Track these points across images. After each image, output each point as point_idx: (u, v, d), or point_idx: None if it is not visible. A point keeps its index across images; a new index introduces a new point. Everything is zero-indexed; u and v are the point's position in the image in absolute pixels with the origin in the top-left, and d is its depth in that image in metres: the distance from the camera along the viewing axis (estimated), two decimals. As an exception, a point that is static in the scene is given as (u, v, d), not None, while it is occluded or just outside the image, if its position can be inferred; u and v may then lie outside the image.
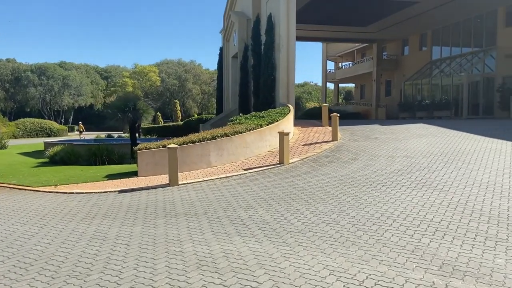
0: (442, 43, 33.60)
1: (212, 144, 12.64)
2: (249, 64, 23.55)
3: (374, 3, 26.36)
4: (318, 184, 9.29)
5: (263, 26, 21.19)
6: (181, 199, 8.83)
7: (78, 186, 10.83)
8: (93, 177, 12.19)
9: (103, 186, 10.76)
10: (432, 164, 10.41)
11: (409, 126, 17.81)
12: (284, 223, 6.54)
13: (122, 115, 16.36)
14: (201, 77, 76.07)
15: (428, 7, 27.68)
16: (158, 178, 11.46)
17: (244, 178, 10.64)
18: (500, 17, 27.29)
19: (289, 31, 19.06)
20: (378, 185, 8.73)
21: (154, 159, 12.01)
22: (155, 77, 71.23)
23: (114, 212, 7.91)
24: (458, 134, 14.67)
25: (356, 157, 11.97)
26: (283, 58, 19.16)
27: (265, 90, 19.77)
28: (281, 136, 11.93)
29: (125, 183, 10.99)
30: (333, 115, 14.96)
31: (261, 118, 15.38)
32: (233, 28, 28.16)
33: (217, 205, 7.99)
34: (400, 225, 6.14)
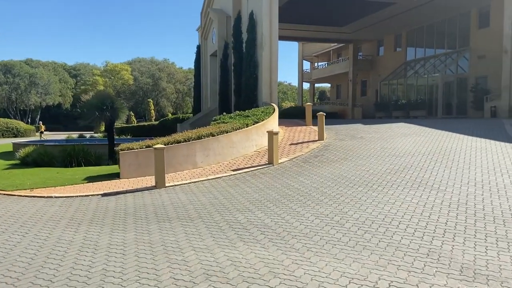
0: (417, 44, 34.28)
1: (198, 144, 12.21)
2: (229, 62, 23.16)
3: (352, 3, 26.54)
4: (312, 185, 9.06)
5: (244, 23, 20.86)
6: (171, 202, 8.38)
7: (56, 190, 10.16)
8: (71, 179, 11.51)
9: (84, 189, 10.14)
10: (422, 163, 10.39)
11: (391, 125, 17.93)
12: (286, 226, 6.24)
13: (100, 113, 15.62)
14: (175, 76, 74.91)
15: (404, 9, 28.15)
16: (142, 180, 10.93)
17: (234, 179, 10.29)
18: (473, 19, 28.05)
19: (272, 29, 18.83)
20: (373, 185, 8.59)
21: (137, 160, 11.46)
22: (127, 76, 69.55)
23: (101, 217, 7.40)
24: (441, 133, 14.83)
25: (345, 157, 11.83)
26: (266, 56, 18.90)
27: (247, 89, 19.45)
28: (270, 136, 11.65)
29: (107, 186, 10.41)
30: (319, 114, 14.81)
31: (246, 117, 15.05)
32: (211, 25, 27.67)
33: (211, 208, 7.61)
34: (407, 226, 5.97)
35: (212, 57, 28.43)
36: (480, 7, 27.32)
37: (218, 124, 14.35)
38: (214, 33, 27.03)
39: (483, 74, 27.28)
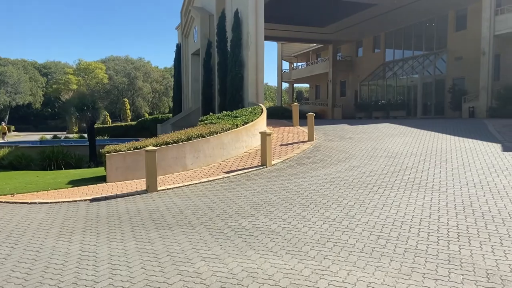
0: (395, 46, 34.81)
1: (188, 146, 11.82)
2: (213, 61, 22.75)
3: (333, 4, 26.61)
4: (311, 187, 8.86)
5: (229, 22, 20.52)
6: (166, 207, 8.00)
7: (39, 195, 9.57)
8: (53, 183, 10.90)
9: (70, 194, 9.60)
10: (416, 164, 10.38)
11: (377, 125, 18.01)
12: (295, 232, 6.01)
13: (80, 114, 14.96)
14: (151, 75, 73.49)
15: (383, 10, 28.47)
16: (131, 184, 10.45)
17: (228, 182, 9.97)
18: (450, 22, 28.69)
19: (258, 28, 18.59)
20: (374, 187, 8.47)
21: (125, 162, 10.97)
22: (102, 74, 67.72)
23: (94, 225, 6.95)
24: (428, 133, 14.97)
25: (338, 158, 11.72)
26: (252, 56, 18.64)
27: (233, 89, 19.13)
28: (263, 137, 11.40)
29: (94, 191, 9.89)
30: (309, 115, 14.67)
31: (235, 117, 14.74)
32: (193, 23, 27.17)
33: (211, 214, 7.29)
34: (419, 231, 5.84)
35: (193, 56, 27.93)
36: (457, 10, 27.96)
37: (206, 125, 13.98)
38: (196, 31, 26.55)
39: (460, 75, 27.94)
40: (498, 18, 22.92)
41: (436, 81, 29.89)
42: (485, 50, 23.47)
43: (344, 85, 42.56)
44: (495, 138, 13.67)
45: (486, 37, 23.37)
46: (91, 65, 68.51)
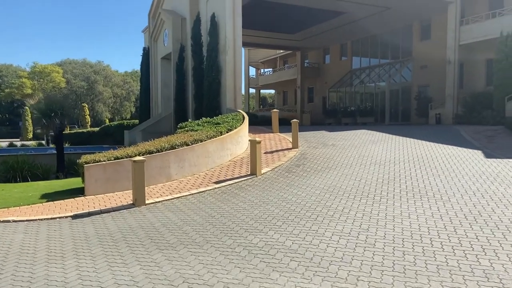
0: (362, 53, 35.58)
1: (172, 155, 11.16)
2: (186, 66, 22.06)
3: (305, 11, 26.67)
4: (310, 197, 8.53)
5: (204, 26, 19.98)
6: (161, 223, 7.36)
7: (11, 212, 8.59)
8: (24, 198, 9.88)
9: (46, 210, 8.68)
10: (408, 171, 10.34)
11: (356, 132, 18.07)
12: (314, 249, 5.62)
13: (48, 120, 13.85)
14: (112, 79, 70.94)
15: (352, 19, 28.94)
16: (113, 197, 9.66)
17: (221, 194, 9.44)
18: (415, 32, 29.66)
19: (236, 33, 18.20)
20: (375, 197, 8.27)
21: (105, 174, 10.15)
22: (59, 78, 64.40)
23: (85, 246, 6.22)
24: (408, 140, 15.14)
25: (328, 166, 11.50)
26: (230, 61, 18.20)
27: (210, 95, 18.56)
28: (253, 145, 10.97)
29: (73, 205, 9.03)
30: (294, 122, 14.41)
31: (217, 124, 14.20)
32: (163, 27, 26.32)
33: (214, 230, 6.76)
34: (441, 244, 5.64)
35: (163, 60, 27.05)
36: (421, 20, 28.96)
37: (187, 132, 13.34)
38: (166, 35, 25.72)
39: (425, 83, 28.90)
40: (462, 29, 23.90)
41: (402, 89, 30.77)
42: (451, 59, 24.39)
43: (311, 91, 42.99)
44: (472, 144, 14.01)
45: (452, 46, 24.30)
46: (47, 68, 64.95)
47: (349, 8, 26.19)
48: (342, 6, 25.53)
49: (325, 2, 24.61)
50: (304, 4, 24.86)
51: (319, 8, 25.85)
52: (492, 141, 14.56)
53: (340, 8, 26.09)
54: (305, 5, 25.13)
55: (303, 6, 25.35)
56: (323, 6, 25.61)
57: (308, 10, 26.26)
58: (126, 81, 73.69)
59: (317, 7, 25.68)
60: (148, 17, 30.49)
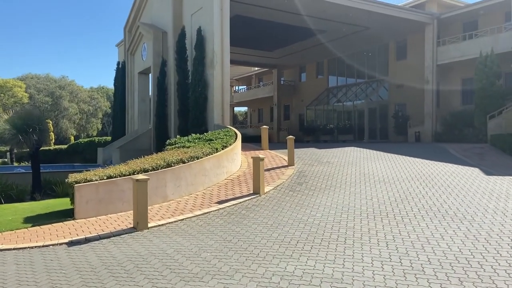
0: (338, 72, 36.06)
1: (169, 173, 10.38)
2: (168, 80, 21.31)
3: (287, 29, 26.72)
4: (327, 218, 8.02)
5: (189, 40, 19.41)
6: (174, 249, 6.59)
7: (-8, 239, 7.51)
8: (4, 222, 8.76)
9: (35, 236, 7.67)
10: (417, 189, 10.08)
11: (344, 149, 17.87)
12: (361, 278, 5.09)
13: (24, 137, 12.69)
14: (78, 95, 68.35)
15: (331, 37, 29.29)
16: (109, 221, 8.74)
17: (227, 215, 8.74)
18: (391, 51, 30.37)
19: (223, 47, 17.76)
20: (396, 217, 7.88)
21: (97, 195, 9.22)
22: (21, 93, 61.26)
23: (96, 279, 5.38)
24: (401, 157, 15.05)
25: (332, 184, 11.07)
26: (217, 75, 17.66)
27: (196, 110, 17.88)
28: (256, 162, 10.39)
29: (65, 230, 8.05)
30: (289, 138, 13.98)
31: (210, 141, 13.52)
32: (141, 41, 25.51)
33: (238, 256, 6.09)
34: (493, 268, 5.27)
35: (141, 74, 26.14)
36: (397, 40, 29.71)
37: (180, 149, 12.57)
38: (144, 49, 24.91)
39: (401, 102, 29.47)
40: (440, 49, 24.64)
41: (380, 107, 31.25)
42: (429, 79, 25.02)
43: (287, 108, 43.03)
44: (466, 162, 14.07)
45: (430, 66, 24.97)
46: (8, 83, 61.71)
47: (330, 27, 26.49)
48: (324, 24, 25.78)
49: (307, 20, 24.72)
50: (286, 21, 24.91)
51: (300, 26, 25.96)
52: (483, 159, 14.71)
53: (322, 26, 26.33)
54: (287, 23, 25.18)
55: (285, 24, 25.39)
56: (305, 24, 25.74)
57: (290, 27, 26.32)
58: (93, 97, 71.26)
59: (299, 25, 25.78)
60: (124, 31, 29.54)
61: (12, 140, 12.63)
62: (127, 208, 9.56)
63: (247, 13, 22.79)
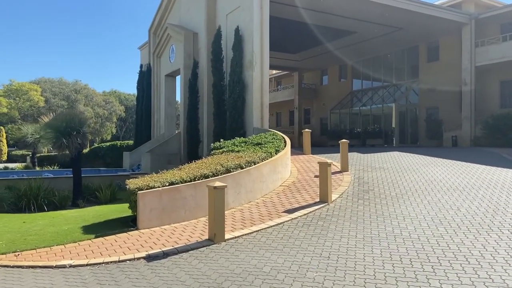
0: (363, 75, 35.20)
1: (229, 179, 9.64)
2: (200, 83, 20.66)
3: (317, 30, 25.95)
4: (425, 232, 7.19)
5: (224, 40, 18.74)
6: (271, 267, 5.81)
7: (56, 252, 6.81)
8: (61, 233, 8.06)
9: (103, 249, 6.95)
10: (501, 198, 9.22)
11: (388, 154, 17.05)
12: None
13: (68, 140, 12.06)
14: (94, 99, 68.23)
15: (361, 39, 28.54)
16: (175, 231, 8.00)
17: (305, 226, 7.95)
18: (421, 53, 29.48)
19: (263, 47, 17.07)
20: (504, 230, 7.03)
21: (160, 203, 8.50)
22: (37, 97, 61.20)
23: (201, 305, 4.61)
24: (456, 163, 14.18)
25: (402, 192, 10.24)
26: (257, 76, 16.97)
27: (235, 113, 17.19)
28: (324, 167, 9.63)
29: (134, 242, 7.32)
30: (343, 142, 13.17)
31: (258, 145, 12.79)
32: (168, 42, 24.94)
33: (360, 281, 5.27)
34: None
35: (167, 77, 25.55)
36: (428, 41, 28.83)
37: (230, 153, 11.83)
38: (172, 50, 24.34)
39: (433, 105, 28.55)
40: (478, 50, 23.74)
41: (409, 111, 30.38)
42: (467, 81, 24.11)
43: (308, 112, 42.27)
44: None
45: (467, 68, 24.06)
46: (24, 86, 61.69)
47: (361, 28, 25.73)
48: (355, 25, 25.04)
49: (339, 21, 24.01)
50: (318, 22, 24.19)
51: (331, 26, 25.24)
52: (548, 164, 13.80)
53: (353, 27, 25.60)
54: (318, 24, 24.46)
55: (314, 24, 24.65)
56: (336, 25, 25.03)
57: (319, 28, 25.58)
58: (107, 101, 71.09)
59: (330, 26, 25.06)
60: (148, 33, 29.09)
61: (55, 144, 11.98)
62: (190, 217, 8.85)
63: (277, 13, 22.04)
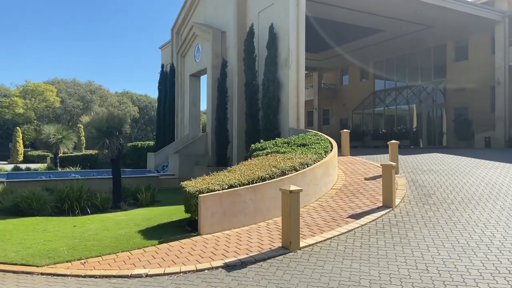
0: (386, 75, 34.51)
1: (286, 182, 9.13)
2: (229, 82, 20.23)
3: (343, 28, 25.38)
4: (513, 239, 6.65)
5: (258, 38, 18.29)
6: (373, 282, 5.32)
7: (123, 260, 6.39)
8: (120, 238, 7.64)
9: (172, 256, 6.51)
10: None
11: (429, 155, 16.45)
12: None
13: (110, 140, 11.70)
14: (108, 99, 68.30)
15: (388, 37, 27.94)
16: (241, 237, 7.54)
17: (380, 233, 7.43)
18: (449, 52, 28.77)
19: (299, 45, 16.59)
20: None
21: (221, 207, 8.06)
22: (53, 97, 61.28)
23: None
24: (503, 165, 13.56)
25: (467, 196, 9.66)
26: (293, 75, 16.49)
27: (270, 113, 16.72)
28: (387, 170, 9.13)
29: (203, 250, 6.88)
30: (392, 143, 12.64)
31: (304, 146, 12.28)
32: (193, 42, 24.56)
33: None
34: None
35: (192, 77, 25.16)
36: (456, 40, 28.13)
37: (277, 155, 11.34)
38: (198, 50, 23.96)
39: (462, 105, 27.84)
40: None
41: (437, 111, 29.69)
42: (500, 80, 23.39)
43: (326, 113, 41.70)
44: None
45: (501, 67, 23.35)
46: (40, 87, 61.82)
47: (391, 26, 25.13)
48: (385, 23, 24.44)
49: (369, 19, 23.44)
50: (346, 20, 23.65)
51: (360, 25, 24.68)
52: None
53: (382, 25, 25.00)
54: (347, 21, 23.91)
55: (344, 22, 24.10)
56: (365, 23, 24.47)
57: (347, 26, 25.03)
58: (122, 102, 71.15)
59: (358, 24, 24.51)
60: (171, 33, 28.76)
61: (97, 144, 11.62)
62: (249, 222, 8.40)
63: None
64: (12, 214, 10.41)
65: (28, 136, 59.78)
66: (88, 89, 67.75)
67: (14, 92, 61.53)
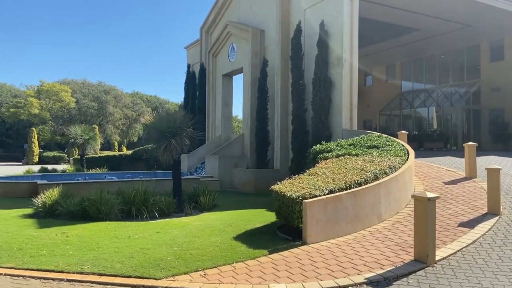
0: (414, 75, 33.79)
1: (383, 187, 8.54)
2: (270, 82, 19.61)
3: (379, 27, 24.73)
4: None
5: (304, 37, 17.66)
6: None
7: (243, 271, 5.77)
8: (221, 246, 7.01)
9: (295, 270, 5.89)
10: None
11: (486, 158, 15.78)
12: None
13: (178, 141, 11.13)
14: (122, 100, 67.86)
15: (422, 37, 27.31)
16: (352, 247, 6.90)
17: (508, 244, 6.77)
18: (483, 52, 28.04)
19: (353, 43, 15.98)
20: None
21: (325, 213, 7.43)
22: (68, 98, 60.84)
23: None
24: None
25: None
26: (346, 75, 15.87)
27: (321, 113, 16.08)
28: (494, 174, 8.54)
29: (324, 261, 6.25)
30: (470, 145, 11.97)
31: (374, 147, 11.64)
32: (227, 41, 23.98)
33: None
34: None
35: (224, 77, 24.58)
36: (491, 40, 27.42)
37: (352, 157, 10.70)
38: (233, 49, 23.38)
39: (498, 107, 27.10)
40: (556, 49, 22.31)
41: (471, 113, 28.94)
42: (544, 81, 22.67)
43: (348, 114, 40.87)
44: None
45: (543, 68, 22.64)
46: (54, 87, 61.40)
47: (428, 25, 24.48)
48: (422, 21, 23.79)
49: (407, 17, 22.80)
50: (382, 18, 22.98)
51: (396, 23, 24.04)
52: None
53: (419, 24, 24.35)
54: (382, 20, 23.25)
55: (379, 20, 23.44)
56: (402, 22, 23.84)
57: (382, 25, 24.38)
58: (135, 103, 70.73)
59: (394, 22, 23.86)
60: (200, 32, 28.18)
61: (160, 146, 11.01)
62: (350, 230, 7.76)
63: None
64: (78, 218, 9.82)
65: (44, 137, 59.38)
66: (102, 90, 67.28)
67: (30, 93, 61.11)
